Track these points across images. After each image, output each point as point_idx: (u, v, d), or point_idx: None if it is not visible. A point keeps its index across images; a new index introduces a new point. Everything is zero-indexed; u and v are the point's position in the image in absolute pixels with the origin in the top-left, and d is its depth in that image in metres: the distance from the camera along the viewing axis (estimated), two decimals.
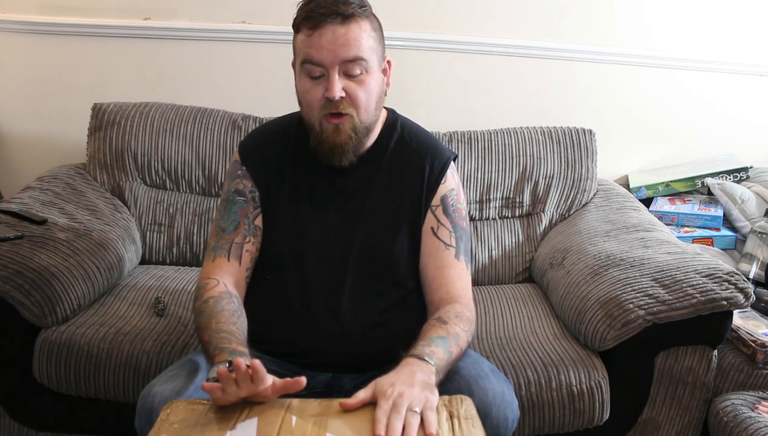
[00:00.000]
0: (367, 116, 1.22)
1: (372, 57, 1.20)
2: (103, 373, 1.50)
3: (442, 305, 1.23)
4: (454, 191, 1.31)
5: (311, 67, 1.19)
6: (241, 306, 1.22)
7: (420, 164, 1.30)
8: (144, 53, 2.24)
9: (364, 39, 1.18)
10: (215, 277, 1.24)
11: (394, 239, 1.28)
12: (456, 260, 1.28)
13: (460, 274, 1.27)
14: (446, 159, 1.32)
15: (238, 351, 1.09)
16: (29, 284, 1.49)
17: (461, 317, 1.19)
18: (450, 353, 1.11)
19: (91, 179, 2.04)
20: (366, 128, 1.23)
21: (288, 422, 0.96)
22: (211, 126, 2.05)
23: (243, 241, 1.28)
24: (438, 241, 1.28)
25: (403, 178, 1.29)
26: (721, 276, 1.50)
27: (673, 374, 1.54)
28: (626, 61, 2.25)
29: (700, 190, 2.26)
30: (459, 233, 1.29)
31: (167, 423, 0.98)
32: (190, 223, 2.01)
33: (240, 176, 1.31)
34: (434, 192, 1.29)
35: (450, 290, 1.25)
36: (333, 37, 1.15)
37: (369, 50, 1.19)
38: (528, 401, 1.45)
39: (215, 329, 1.13)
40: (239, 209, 1.29)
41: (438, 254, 1.27)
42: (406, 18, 2.19)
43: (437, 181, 1.30)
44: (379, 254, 1.27)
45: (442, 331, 1.14)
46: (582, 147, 2.07)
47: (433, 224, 1.28)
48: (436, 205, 1.29)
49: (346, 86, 1.18)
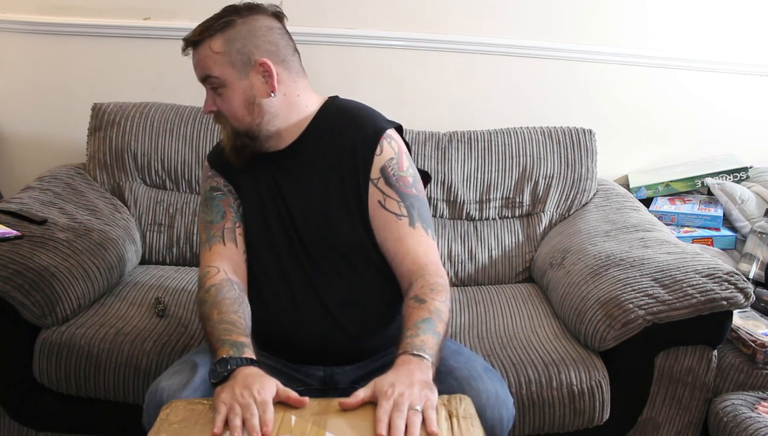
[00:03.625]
0: (238, 123, 1.27)
1: (224, 72, 1.25)
2: (103, 373, 1.50)
3: (412, 277, 1.21)
4: (393, 160, 1.28)
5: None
6: (243, 293, 1.24)
7: (351, 139, 1.29)
8: (144, 53, 2.24)
9: (210, 59, 1.25)
10: (215, 264, 1.26)
11: (343, 218, 1.27)
12: (412, 227, 1.25)
13: (420, 241, 1.25)
14: (379, 129, 1.30)
15: (240, 342, 1.10)
16: (29, 284, 1.49)
17: (436, 288, 1.17)
18: (437, 334, 1.10)
19: (91, 179, 2.04)
20: (245, 132, 1.28)
21: (287, 422, 0.96)
22: (211, 126, 2.05)
23: (233, 226, 1.32)
24: (388, 213, 1.26)
25: (340, 157, 1.29)
26: (721, 276, 1.50)
27: (673, 374, 1.54)
28: (626, 61, 2.25)
29: (700, 190, 2.26)
30: (409, 201, 1.26)
31: (167, 423, 0.98)
32: (190, 223, 2.01)
33: (212, 176, 1.37)
34: (370, 164, 1.27)
35: (414, 259, 1.23)
36: (193, 61, 1.28)
37: (218, 67, 1.24)
38: (528, 400, 1.45)
39: (217, 320, 1.15)
40: (221, 201, 1.33)
41: (392, 226, 1.25)
42: (406, 18, 2.20)
43: (371, 152, 1.27)
44: (334, 236, 1.27)
45: (424, 312, 1.12)
46: (582, 147, 2.07)
47: (379, 197, 1.27)
48: (377, 177, 1.27)
49: (216, 100, 1.28)
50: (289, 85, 1.28)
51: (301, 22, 1.28)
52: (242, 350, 1.10)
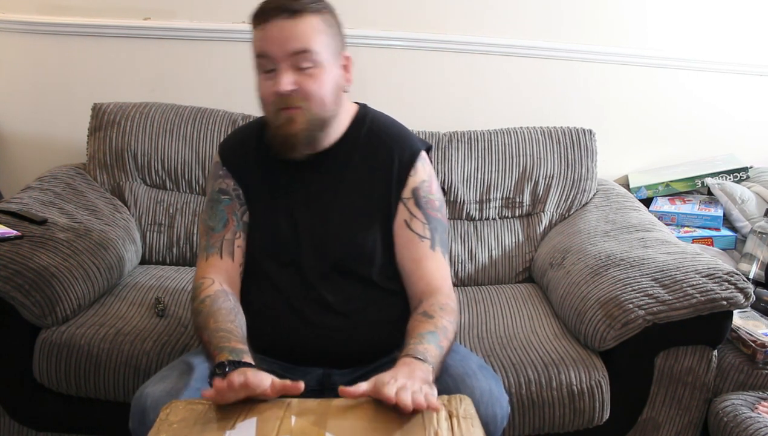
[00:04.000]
0: (321, 109, 1.22)
1: (323, 51, 1.20)
2: (103, 373, 1.50)
3: (423, 297, 1.23)
4: (425, 183, 1.30)
5: (263, 61, 1.21)
6: (238, 303, 1.24)
7: (389, 157, 1.29)
8: (144, 53, 2.24)
9: (312, 33, 1.19)
10: (210, 276, 1.25)
11: (366, 233, 1.28)
12: (432, 250, 1.27)
13: (437, 265, 1.27)
14: (415, 150, 1.31)
15: (238, 349, 1.10)
16: (29, 284, 1.49)
17: (446, 309, 1.19)
18: (441, 347, 1.11)
19: (91, 179, 2.04)
20: (321, 121, 1.23)
21: (287, 422, 0.96)
22: (211, 126, 2.05)
23: (233, 237, 1.30)
24: (412, 233, 1.27)
25: (373, 171, 1.29)
26: (721, 276, 1.50)
27: (673, 374, 1.54)
28: (626, 61, 2.25)
29: (700, 190, 2.26)
30: (433, 224, 1.29)
31: (167, 423, 0.98)
32: (190, 223, 2.01)
33: (222, 176, 1.33)
34: (404, 184, 1.29)
35: (429, 281, 1.25)
36: (280, 31, 1.17)
37: (319, 44, 1.19)
38: (528, 400, 1.45)
39: (214, 329, 1.14)
40: (226, 207, 1.31)
41: (413, 246, 1.27)
42: (406, 18, 2.20)
43: (406, 173, 1.29)
44: (354, 249, 1.27)
45: (431, 326, 1.14)
46: (582, 147, 2.07)
47: (406, 216, 1.28)
48: (408, 197, 1.29)
49: (298, 80, 1.19)
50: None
51: None
52: (240, 355, 1.09)
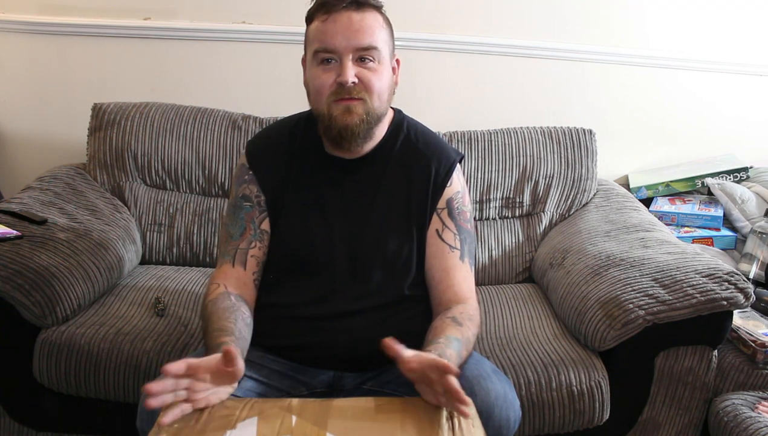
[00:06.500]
0: (379, 104, 1.22)
1: (384, 49, 1.21)
2: (103, 373, 1.50)
3: (451, 305, 1.23)
4: (459, 194, 1.31)
5: (324, 54, 1.19)
6: (239, 302, 1.22)
7: (426, 166, 1.30)
8: (144, 53, 2.24)
9: (377, 28, 1.20)
10: (218, 281, 1.26)
11: (400, 241, 1.28)
12: (461, 261, 1.28)
13: (465, 275, 1.28)
14: (452, 161, 1.32)
15: (224, 343, 1.08)
16: (29, 284, 1.49)
17: (474, 320, 1.20)
18: (461, 357, 1.12)
19: (91, 179, 2.04)
20: (376, 116, 1.23)
21: (288, 422, 0.96)
22: (211, 126, 2.05)
23: (248, 246, 1.29)
24: (443, 243, 1.28)
25: (410, 179, 1.29)
26: (721, 276, 1.50)
27: (673, 374, 1.54)
28: (626, 61, 2.25)
29: (700, 190, 2.26)
30: (463, 235, 1.30)
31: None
32: (190, 223, 2.01)
33: (247, 181, 1.32)
34: (440, 195, 1.30)
35: (457, 291, 1.25)
36: (348, 23, 1.16)
37: (382, 41, 1.20)
38: (528, 401, 1.45)
39: (210, 330, 1.15)
40: (246, 215, 1.30)
41: (443, 256, 1.28)
42: (406, 18, 2.19)
43: (443, 183, 1.30)
44: (385, 256, 1.27)
45: (458, 333, 1.14)
46: (582, 147, 2.07)
47: (438, 226, 1.29)
48: (442, 208, 1.30)
49: (359, 73, 1.19)
50: None
51: (301, 23, 1.27)
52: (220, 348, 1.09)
